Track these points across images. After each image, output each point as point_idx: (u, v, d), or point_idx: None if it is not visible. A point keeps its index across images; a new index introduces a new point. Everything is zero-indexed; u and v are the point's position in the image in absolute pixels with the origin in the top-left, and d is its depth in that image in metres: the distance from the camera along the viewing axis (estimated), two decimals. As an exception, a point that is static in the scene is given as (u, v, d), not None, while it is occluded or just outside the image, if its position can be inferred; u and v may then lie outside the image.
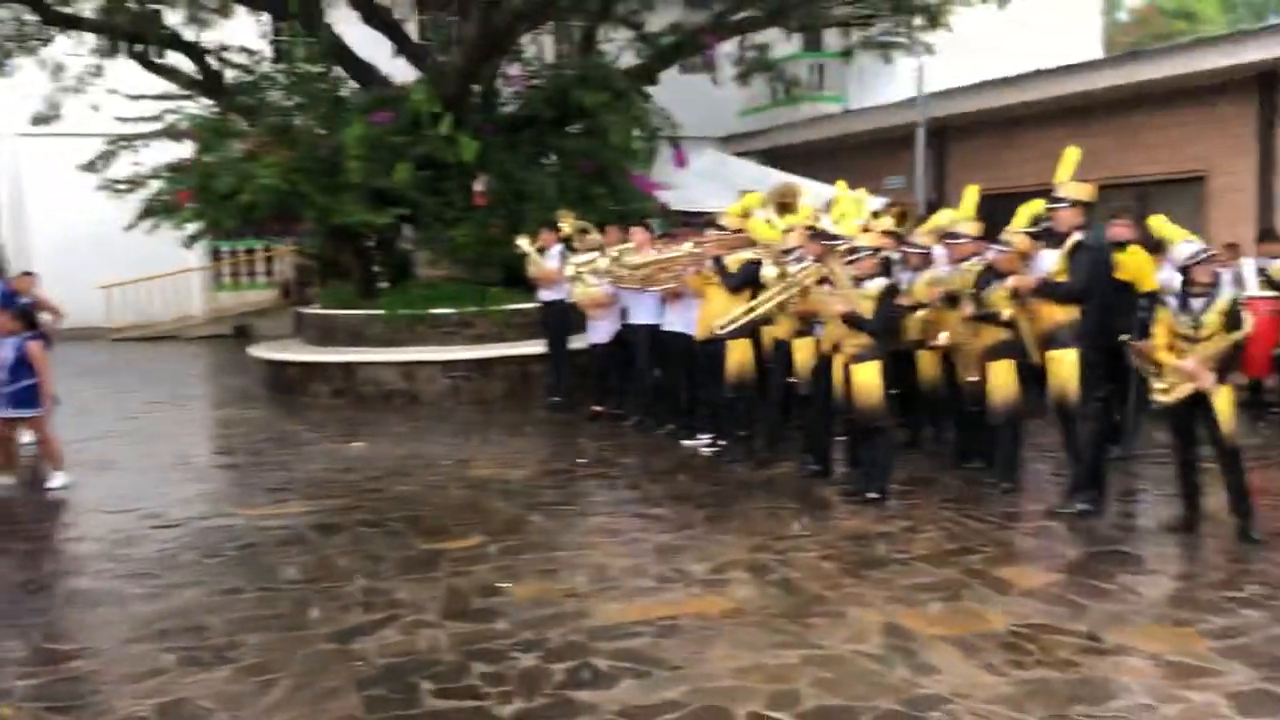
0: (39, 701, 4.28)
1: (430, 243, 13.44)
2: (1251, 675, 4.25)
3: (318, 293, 16.34)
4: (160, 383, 14.61)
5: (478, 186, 13.20)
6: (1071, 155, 6.80)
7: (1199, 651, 4.51)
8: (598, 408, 10.62)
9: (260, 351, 13.74)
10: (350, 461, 8.90)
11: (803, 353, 7.96)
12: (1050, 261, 6.81)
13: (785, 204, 9.37)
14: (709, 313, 8.31)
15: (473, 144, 12.48)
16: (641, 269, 9.13)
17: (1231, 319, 5.96)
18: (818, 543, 6.21)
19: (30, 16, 14.52)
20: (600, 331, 10.35)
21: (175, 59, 14.79)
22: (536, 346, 11.92)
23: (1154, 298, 7.91)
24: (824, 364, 7.65)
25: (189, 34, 14.80)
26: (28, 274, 10.74)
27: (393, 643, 4.81)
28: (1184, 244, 6.24)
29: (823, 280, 7.18)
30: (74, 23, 14.39)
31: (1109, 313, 6.75)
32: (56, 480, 8.17)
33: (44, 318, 10.05)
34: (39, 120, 15.47)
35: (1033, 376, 7.34)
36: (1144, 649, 4.54)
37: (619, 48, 15.70)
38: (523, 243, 11.22)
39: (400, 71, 14.48)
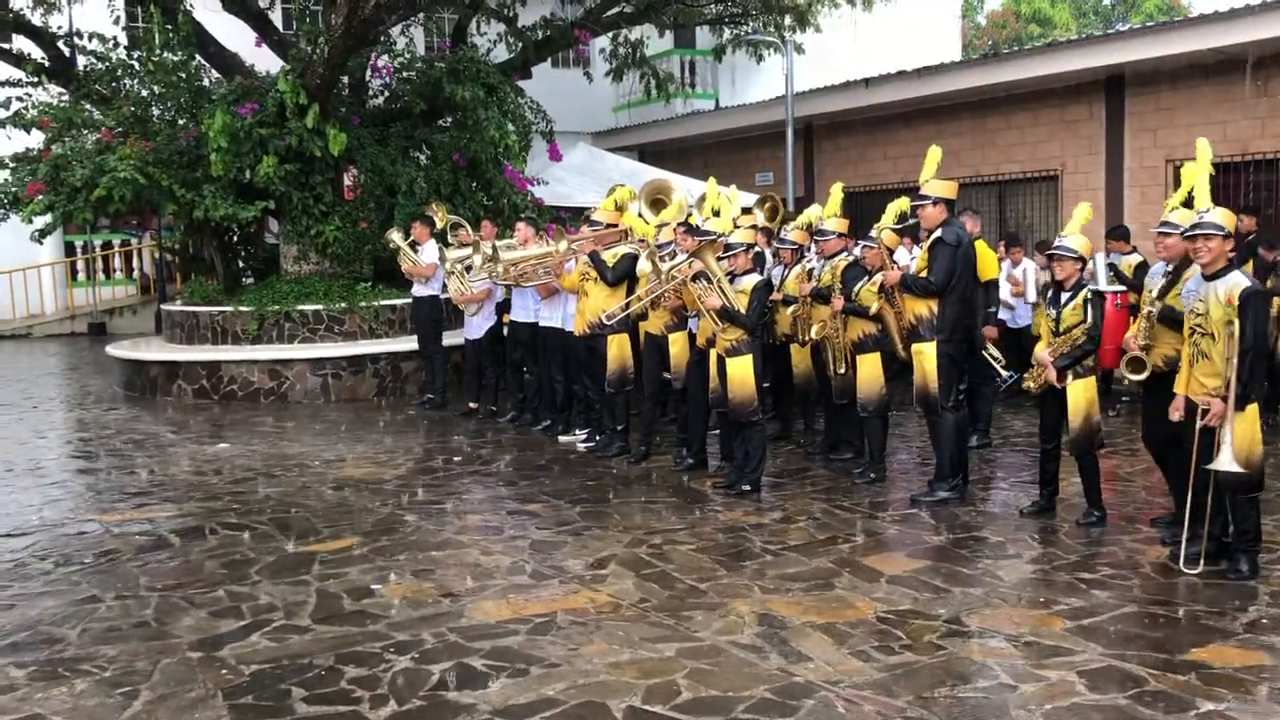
0: (-125, 725, 4.03)
1: (298, 237, 13.09)
2: (1103, 653, 4.47)
3: (181, 289, 15.76)
4: (9, 383, 13.89)
5: (346, 180, 12.92)
6: (934, 155, 7.02)
7: (1055, 632, 4.71)
8: (473, 404, 10.53)
9: (119, 350, 13.19)
10: (216, 463, 8.63)
11: (677, 347, 8.04)
12: (914, 257, 7.05)
13: (658, 200, 9.44)
14: (587, 308, 8.31)
15: (341, 136, 12.21)
16: (517, 264, 9.07)
17: (1084, 314, 6.23)
18: (693, 535, 6.29)
19: None
20: (475, 327, 10.26)
21: (23, 44, 14.06)
22: (409, 343, 11.76)
23: (992, 288, 8.29)
24: (699, 358, 7.74)
25: (36, 17, 14.07)
26: None
27: (261, 649, 4.68)
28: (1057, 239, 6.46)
29: (698, 275, 7.26)
30: (-93, 3, 13.54)
31: (968, 306, 6.99)
32: None
33: None
34: None
35: (899, 369, 7.58)
36: (1004, 631, 4.73)
37: (491, 41, 15.56)
38: (395, 237, 11.04)
39: (264, 61, 14.07)
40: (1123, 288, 9.72)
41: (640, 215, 9.09)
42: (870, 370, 7.44)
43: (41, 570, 5.88)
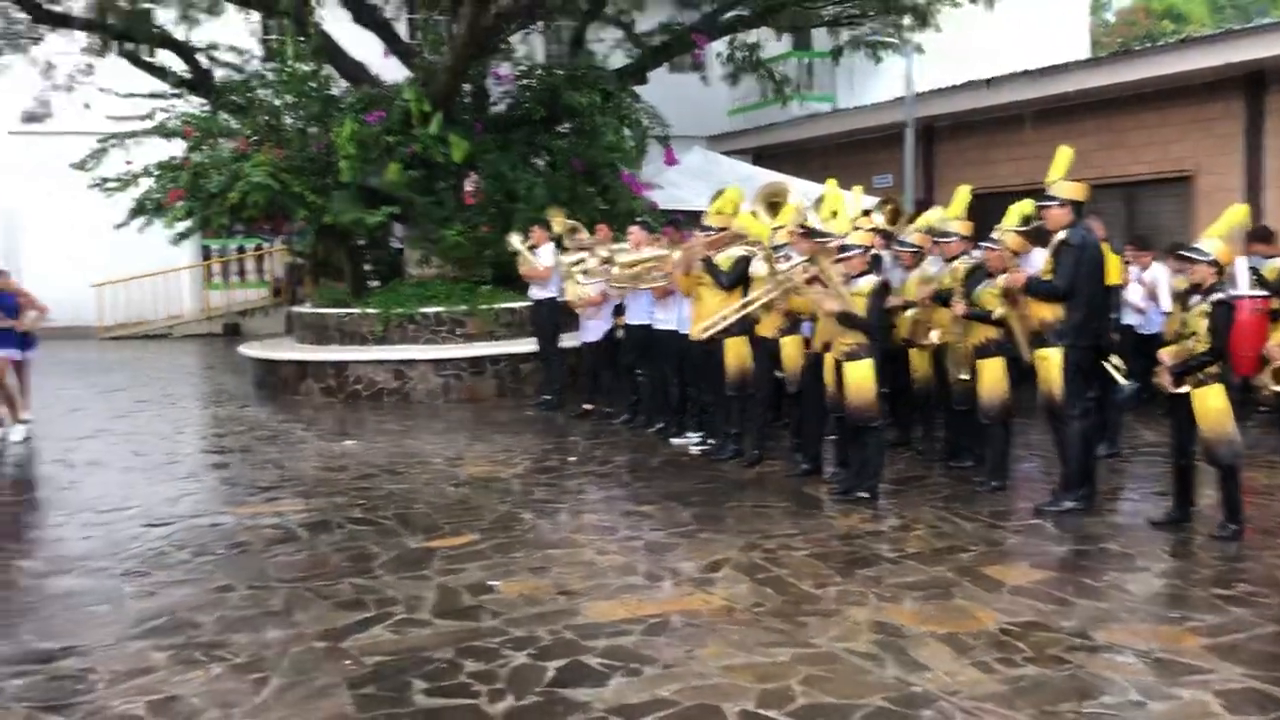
0: (30, 701, 4.27)
1: (421, 242, 13.44)
2: (1241, 673, 4.28)
3: (310, 292, 16.31)
4: (151, 381, 14.57)
5: (468, 186, 13.20)
6: (1064, 155, 6.82)
7: (1189, 649, 4.53)
8: (588, 406, 10.64)
9: (252, 350, 13.73)
10: (342, 459, 8.90)
11: (791, 350, 7.98)
12: (1040, 260, 6.87)
13: (774, 202, 9.38)
14: (702, 312, 8.31)
15: (463, 143, 12.49)
16: (632, 267, 9.14)
17: (1210, 321, 5.99)
18: (808, 541, 6.24)
19: (20, 14, 14.46)
20: (591, 330, 10.37)
21: (166, 57, 14.76)
22: (527, 345, 11.95)
23: (1114, 293, 8.02)
24: (814, 362, 7.67)
25: (179, 32, 14.76)
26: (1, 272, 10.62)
27: (384, 641, 4.82)
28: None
29: (813, 279, 7.20)
30: (64, 21, 14.33)
31: (1096, 311, 6.78)
32: None
33: (29, 314, 9.97)
34: (30, 118, 15.44)
35: (1023, 375, 7.39)
36: (1134, 646, 4.57)
37: (609, 47, 15.71)
38: (514, 240, 11.22)
39: (391, 71, 14.48)
40: (1265, 293, 9.30)
41: (755, 214, 9.05)
42: (993, 376, 7.27)
43: (179, 559, 6.16)
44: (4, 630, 5.03)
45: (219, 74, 14.53)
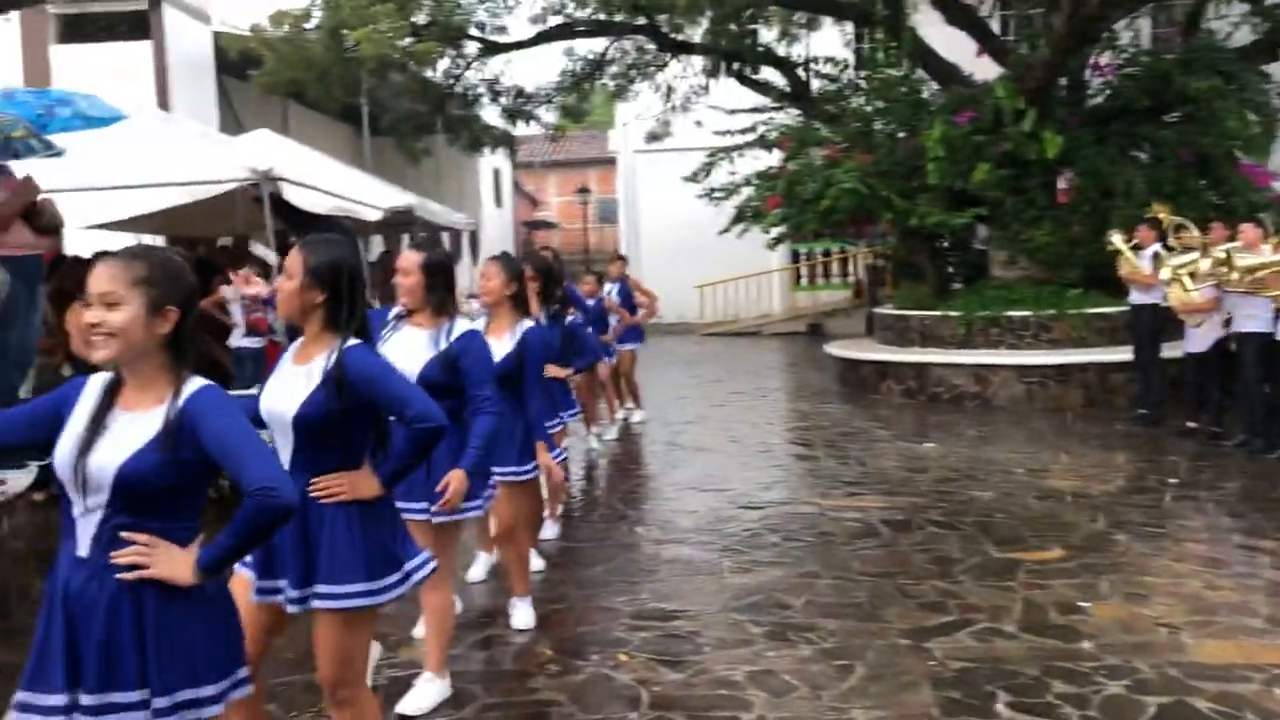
0: (648, 653, 4.83)
1: (1007, 242, 13.08)
2: None
3: (890, 293, 16.63)
4: (743, 374, 15.78)
5: (1061, 183, 12.59)
6: None
7: None
8: (1192, 424, 9.64)
9: (835, 349, 14.32)
10: (922, 461, 8.95)
11: None
12: None
13: None
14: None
15: (1057, 139, 11.94)
16: (1256, 271, 8.12)
17: None
18: None
19: (649, 45, 16.43)
20: (1198, 339, 9.38)
21: (768, 73, 15.88)
22: (1120, 353, 11.11)
23: None
24: None
25: (780, 49, 15.80)
26: (620, 257, 11.79)
27: (967, 647, 4.77)
28: None
29: None
30: (685, 48, 16.03)
31: None
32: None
33: (639, 298, 11.00)
34: (652, 138, 17.52)
35: None
36: None
37: (1231, 24, 14.06)
38: (1116, 239, 10.48)
39: (982, 69, 14.25)
40: None
41: None
42: None
43: (771, 542, 6.60)
44: (629, 588, 5.75)
45: (815, 85, 15.30)
